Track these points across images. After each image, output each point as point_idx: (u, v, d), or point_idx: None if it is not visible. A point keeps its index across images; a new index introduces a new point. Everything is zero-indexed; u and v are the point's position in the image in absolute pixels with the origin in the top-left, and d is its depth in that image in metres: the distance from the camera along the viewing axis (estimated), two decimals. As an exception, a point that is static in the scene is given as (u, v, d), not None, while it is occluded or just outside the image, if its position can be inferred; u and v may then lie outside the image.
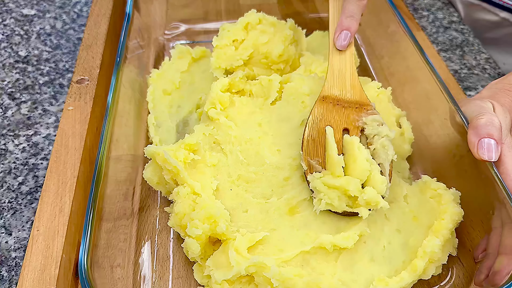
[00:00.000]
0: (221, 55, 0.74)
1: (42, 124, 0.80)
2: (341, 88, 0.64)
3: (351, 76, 0.65)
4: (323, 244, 0.54)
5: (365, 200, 0.54)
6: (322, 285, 0.50)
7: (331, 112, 0.63)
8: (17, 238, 0.65)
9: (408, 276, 0.52)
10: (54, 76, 0.89)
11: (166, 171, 0.59)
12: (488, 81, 0.88)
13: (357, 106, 0.63)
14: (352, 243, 0.54)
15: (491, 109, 0.59)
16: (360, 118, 0.62)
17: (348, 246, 0.54)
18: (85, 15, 1.04)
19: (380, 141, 0.59)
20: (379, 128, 0.60)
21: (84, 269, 0.45)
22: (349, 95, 0.64)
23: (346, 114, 0.62)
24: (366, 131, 0.61)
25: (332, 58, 0.65)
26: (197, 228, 0.54)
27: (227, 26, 0.77)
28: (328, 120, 0.62)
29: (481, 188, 0.57)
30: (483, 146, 0.55)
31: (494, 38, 1.05)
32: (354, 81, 0.64)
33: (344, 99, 0.63)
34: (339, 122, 0.62)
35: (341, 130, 0.61)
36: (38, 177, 0.72)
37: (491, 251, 0.54)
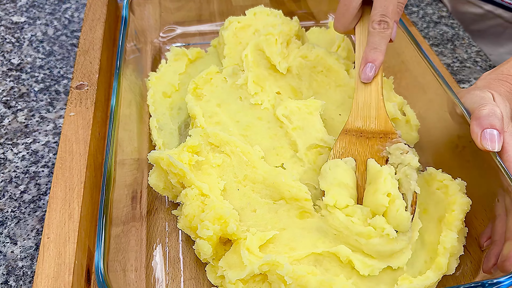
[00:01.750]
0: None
1: (41, 132, 0.79)
2: (365, 120, 0.62)
3: (376, 106, 0.63)
4: (338, 254, 0.54)
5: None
6: (335, 286, 0.49)
7: (354, 145, 0.61)
8: (23, 247, 0.64)
9: (434, 275, 0.52)
10: (49, 83, 0.88)
11: (172, 175, 0.59)
12: (480, 73, 0.90)
13: (382, 136, 0.61)
14: (368, 272, 0.53)
15: (491, 99, 0.60)
16: (384, 148, 0.60)
17: (364, 273, 0.53)
18: (76, 20, 1.03)
19: (402, 170, 0.57)
20: (402, 157, 0.58)
21: (101, 274, 0.45)
22: (373, 126, 0.62)
23: (370, 145, 0.60)
24: (390, 161, 0.58)
25: (357, 91, 0.64)
26: (207, 229, 0.54)
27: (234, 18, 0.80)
28: (351, 153, 0.60)
29: (483, 177, 0.58)
30: (486, 137, 0.56)
31: (480, 30, 1.07)
32: (380, 111, 0.62)
33: (367, 130, 0.61)
34: (363, 154, 0.60)
35: (365, 162, 0.59)
36: (40, 185, 0.72)
37: (497, 238, 0.55)
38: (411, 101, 0.74)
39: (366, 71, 0.64)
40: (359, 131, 0.62)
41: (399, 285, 0.51)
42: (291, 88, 0.72)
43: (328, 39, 0.84)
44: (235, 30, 0.77)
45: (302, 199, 0.58)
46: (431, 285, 0.52)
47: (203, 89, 0.73)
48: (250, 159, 0.62)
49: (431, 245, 0.56)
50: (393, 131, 0.61)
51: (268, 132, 0.67)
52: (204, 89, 0.73)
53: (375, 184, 0.55)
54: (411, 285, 0.51)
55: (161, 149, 0.69)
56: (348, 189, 0.57)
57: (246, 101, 0.70)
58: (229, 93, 0.72)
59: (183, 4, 0.96)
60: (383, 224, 0.52)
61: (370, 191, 0.56)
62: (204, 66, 0.79)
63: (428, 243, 0.56)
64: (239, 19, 0.79)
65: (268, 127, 0.68)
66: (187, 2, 0.96)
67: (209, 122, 0.69)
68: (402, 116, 0.71)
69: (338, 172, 0.58)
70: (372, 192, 0.55)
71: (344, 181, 0.57)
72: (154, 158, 0.60)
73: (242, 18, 0.79)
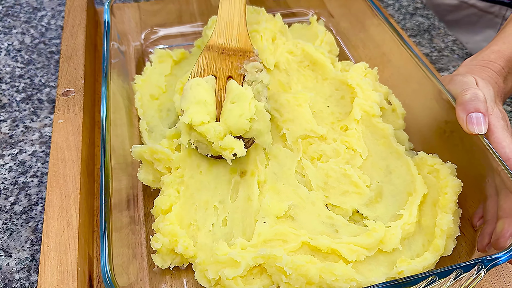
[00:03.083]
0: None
1: (26, 142, 0.78)
2: (228, 37, 0.65)
3: (238, 24, 0.66)
4: (319, 247, 0.55)
5: (221, 146, 0.58)
6: (336, 272, 0.50)
7: (216, 61, 0.64)
8: (18, 259, 0.63)
9: (431, 256, 0.53)
10: (31, 92, 0.87)
11: (157, 163, 0.60)
12: (458, 61, 0.93)
13: (241, 54, 0.64)
14: (354, 257, 0.54)
15: (474, 84, 0.62)
16: (242, 65, 0.63)
17: (352, 259, 0.54)
18: (53, 28, 1.02)
19: (256, 87, 0.62)
20: (257, 75, 0.63)
21: (109, 279, 0.45)
22: (234, 43, 0.65)
23: (230, 62, 0.64)
24: (246, 78, 0.63)
25: (221, 7, 0.67)
26: (157, 242, 0.55)
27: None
28: (212, 69, 0.63)
29: (473, 160, 0.60)
30: (472, 121, 0.57)
31: (455, 20, 1.10)
32: (241, 29, 0.66)
33: (229, 48, 0.65)
34: (223, 71, 0.63)
35: (225, 78, 0.63)
36: (30, 195, 0.70)
37: (489, 217, 0.57)
38: (396, 90, 0.75)
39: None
40: (221, 48, 0.64)
41: (398, 267, 0.52)
42: (279, 83, 0.73)
43: (310, 35, 0.85)
44: (220, 30, 0.77)
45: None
46: (429, 266, 0.54)
47: None
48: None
49: (427, 228, 0.57)
50: (251, 50, 0.65)
51: None
52: None
53: (239, 107, 0.58)
54: (410, 266, 0.52)
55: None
56: (206, 106, 0.60)
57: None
58: None
59: (162, 6, 0.96)
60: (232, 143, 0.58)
61: (231, 109, 0.59)
62: (189, 67, 0.79)
63: (425, 227, 0.58)
64: None
65: None
66: (166, 4, 0.96)
67: None
68: (388, 105, 0.73)
69: (199, 90, 0.60)
70: (236, 114, 0.58)
71: (203, 99, 0.60)
72: (137, 152, 0.61)
73: None
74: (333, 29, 0.93)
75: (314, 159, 0.65)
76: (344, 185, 0.61)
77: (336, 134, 0.67)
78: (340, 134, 0.67)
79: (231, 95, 0.60)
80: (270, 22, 0.76)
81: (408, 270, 0.51)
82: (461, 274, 0.45)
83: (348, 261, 0.53)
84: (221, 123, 0.59)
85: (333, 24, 0.93)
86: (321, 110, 0.71)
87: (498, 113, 0.59)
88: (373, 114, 0.68)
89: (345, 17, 0.91)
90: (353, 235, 0.56)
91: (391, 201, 0.61)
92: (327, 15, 0.95)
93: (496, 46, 0.71)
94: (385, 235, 0.54)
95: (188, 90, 0.60)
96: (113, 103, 0.65)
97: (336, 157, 0.65)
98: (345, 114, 0.70)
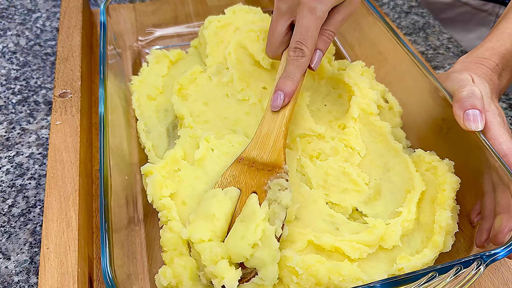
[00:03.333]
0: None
1: (23, 144, 0.77)
2: (260, 150, 0.60)
3: (276, 137, 0.60)
4: (323, 246, 0.54)
5: (212, 272, 0.50)
6: (343, 272, 0.50)
7: (244, 175, 0.58)
8: (17, 262, 0.63)
9: (431, 253, 0.54)
10: (27, 94, 0.86)
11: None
12: (453, 59, 0.94)
13: (270, 168, 0.58)
14: (357, 254, 0.54)
15: (470, 81, 0.62)
16: (268, 181, 0.57)
17: (355, 257, 0.53)
18: (49, 29, 1.01)
19: (272, 207, 0.54)
20: (277, 194, 0.55)
21: (110, 280, 0.45)
22: (265, 157, 0.59)
23: (258, 177, 0.57)
24: (268, 196, 0.56)
25: (264, 118, 0.62)
26: (164, 278, 0.51)
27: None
28: (239, 182, 0.57)
29: (470, 157, 0.60)
30: (469, 118, 0.58)
31: (449, 18, 1.11)
32: (277, 143, 0.59)
33: (259, 161, 0.58)
34: (250, 185, 0.57)
35: (250, 193, 0.56)
36: (28, 197, 0.70)
37: (487, 213, 0.58)
38: (392, 88, 0.76)
39: (276, 99, 0.60)
40: (251, 161, 0.59)
41: (398, 264, 0.53)
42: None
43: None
44: (216, 29, 0.78)
45: None
46: (429, 263, 0.54)
47: (189, 89, 0.73)
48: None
49: (426, 225, 0.58)
50: (280, 166, 0.58)
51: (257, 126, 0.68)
52: (189, 89, 0.73)
53: (245, 227, 0.51)
54: (410, 263, 0.52)
55: (150, 151, 0.68)
56: (213, 221, 0.53)
57: (233, 98, 0.71)
58: (215, 91, 0.73)
59: (158, 6, 0.96)
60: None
61: (236, 230, 0.52)
62: (186, 67, 0.79)
63: (423, 224, 0.58)
64: (219, 18, 0.79)
65: (257, 121, 0.68)
66: (162, 4, 0.96)
67: (197, 121, 0.69)
68: (385, 103, 0.73)
69: (211, 203, 0.54)
70: (239, 235, 0.51)
71: (211, 213, 0.53)
72: (147, 171, 0.60)
73: (222, 17, 0.80)
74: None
75: (313, 157, 0.65)
76: (344, 183, 0.62)
77: (334, 132, 0.68)
78: (338, 133, 0.67)
79: (243, 213, 0.54)
80: (266, 22, 0.76)
81: (408, 267, 0.52)
82: (461, 269, 0.45)
83: (352, 259, 0.53)
84: (222, 245, 0.51)
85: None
86: (318, 109, 0.71)
87: (495, 110, 0.60)
88: (371, 112, 0.69)
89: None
90: (354, 232, 0.56)
91: (390, 199, 0.62)
92: (323, 14, 0.96)
93: (490, 43, 0.72)
94: (385, 232, 0.54)
95: (203, 201, 0.55)
96: (110, 104, 0.65)
97: (334, 155, 0.65)
98: (343, 113, 0.71)
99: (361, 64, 0.75)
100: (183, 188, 0.60)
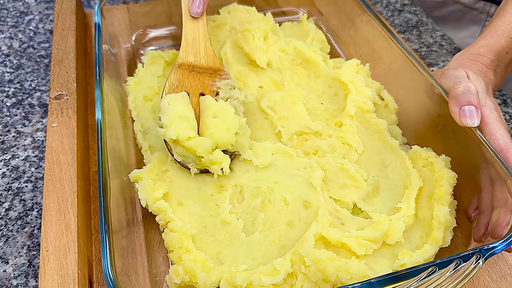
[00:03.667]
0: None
1: (19, 147, 0.77)
2: (196, 55, 0.69)
3: (205, 43, 0.69)
4: (329, 240, 0.55)
5: (212, 161, 0.60)
6: (351, 270, 0.51)
7: (187, 78, 0.67)
8: (16, 265, 0.62)
9: (431, 248, 0.54)
10: (22, 97, 0.86)
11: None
12: (447, 56, 0.94)
13: (211, 72, 0.68)
14: (363, 250, 0.54)
15: (465, 77, 0.63)
16: (214, 83, 0.67)
17: (361, 253, 0.54)
18: (42, 31, 1.01)
19: (232, 103, 0.65)
20: (231, 92, 0.67)
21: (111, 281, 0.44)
22: (203, 62, 0.68)
23: (201, 79, 0.67)
24: (220, 95, 0.66)
25: (186, 26, 0.70)
26: (177, 276, 0.52)
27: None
28: (185, 86, 0.66)
29: (466, 152, 0.61)
30: (465, 114, 0.58)
31: (441, 16, 1.12)
32: (208, 49, 0.69)
33: (199, 66, 0.68)
34: (195, 87, 0.66)
35: (198, 95, 0.66)
36: (25, 200, 0.70)
37: (485, 208, 0.58)
38: (388, 86, 0.76)
39: (195, 5, 0.69)
40: (191, 66, 0.68)
41: (400, 260, 0.53)
42: (272, 81, 0.73)
43: (301, 33, 0.85)
44: (211, 29, 0.78)
45: None
46: (430, 258, 0.55)
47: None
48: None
49: (425, 220, 0.58)
50: (221, 69, 0.68)
51: (254, 125, 0.68)
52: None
53: (224, 121, 0.61)
54: (412, 259, 0.53)
55: (147, 152, 0.68)
56: (189, 121, 0.61)
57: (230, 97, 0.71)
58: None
59: (151, 7, 0.95)
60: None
61: (217, 124, 0.61)
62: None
63: (422, 219, 0.58)
64: (214, 18, 0.79)
65: (254, 119, 0.69)
66: (155, 5, 0.96)
67: None
68: (380, 101, 0.73)
69: (178, 106, 0.62)
70: (222, 128, 0.61)
71: (185, 114, 0.61)
72: (135, 177, 0.61)
73: (216, 17, 0.80)
74: (323, 27, 0.93)
75: (309, 154, 0.66)
76: (342, 179, 0.62)
77: (331, 130, 0.68)
78: (335, 130, 0.68)
79: (211, 111, 0.63)
80: (261, 22, 0.77)
81: (410, 262, 0.52)
82: (460, 264, 0.46)
83: (358, 255, 0.53)
84: (207, 138, 0.60)
85: (323, 22, 0.94)
86: (315, 107, 0.71)
87: (491, 105, 0.60)
88: (367, 110, 0.69)
89: (334, 15, 0.92)
90: (359, 227, 0.56)
91: (388, 195, 0.62)
92: (317, 13, 0.96)
93: (485, 40, 0.73)
94: (389, 228, 0.54)
95: (166, 106, 0.62)
96: (107, 106, 0.64)
97: (332, 152, 0.65)
98: (339, 111, 0.71)
99: (356, 62, 0.75)
100: (176, 189, 0.61)
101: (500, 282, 0.57)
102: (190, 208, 0.59)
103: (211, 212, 0.59)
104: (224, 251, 0.56)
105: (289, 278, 0.52)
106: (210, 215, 0.59)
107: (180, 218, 0.58)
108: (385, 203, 0.61)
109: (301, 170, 0.62)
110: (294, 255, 0.52)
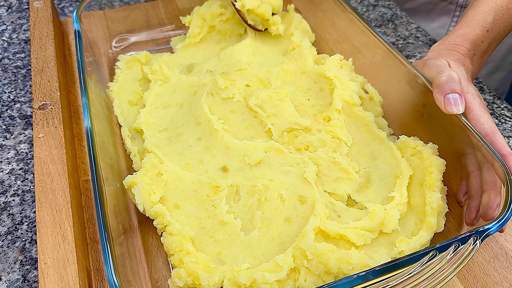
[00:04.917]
0: None
1: (2, 161, 0.75)
2: None
3: None
4: (328, 232, 0.55)
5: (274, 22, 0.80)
6: (352, 260, 0.51)
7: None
8: (9, 281, 0.61)
9: (426, 234, 0.55)
10: (1, 109, 0.84)
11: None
12: (424, 48, 0.97)
13: None
14: (362, 241, 0.55)
15: (447, 66, 0.65)
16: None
17: (360, 243, 0.55)
18: (16, 42, 0.98)
19: None
20: None
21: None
22: None
23: None
24: None
25: None
26: (180, 279, 0.52)
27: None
28: None
29: (453, 139, 0.63)
30: (450, 102, 0.60)
31: (412, 8, 1.15)
32: None
33: None
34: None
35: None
36: (13, 215, 0.68)
37: (474, 192, 0.60)
38: (371, 79, 0.78)
39: None
40: None
41: (398, 247, 0.54)
42: (259, 79, 0.74)
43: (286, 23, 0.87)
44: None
45: None
46: (426, 244, 0.56)
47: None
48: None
49: (418, 207, 0.59)
50: None
51: (243, 124, 0.69)
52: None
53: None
54: (409, 245, 0.54)
55: (136, 156, 0.68)
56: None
57: (218, 97, 0.71)
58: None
59: (128, 12, 0.94)
60: None
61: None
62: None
63: (415, 207, 0.60)
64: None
65: (243, 118, 0.69)
66: (132, 10, 0.95)
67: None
68: (365, 94, 0.75)
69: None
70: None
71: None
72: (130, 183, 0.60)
73: None
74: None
75: (301, 150, 0.66)
76: (335, 172, 0.63)
77: (320, 125, 0.69)
78: (323, 125, 0.69)
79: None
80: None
81: (408, 249, 0.53)
82: (459, 246, 0.47)
83: (357, 245, 0.54)
84: (268, 5, 0.82)
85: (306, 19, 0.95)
86: (302, 103, 0.72)
87: (473, 91, 0.62)
88: (353, 103, 0.70)
89: (312, 12, 0.93)
90: (355, 219, 0.57)
91: (380, 185, 0.63)
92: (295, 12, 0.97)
93: (461, 30, 0.75)
94: (384, 217, 0.56)
95: None
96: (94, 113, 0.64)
97: (323, 147, 0.66)
98: (326, 106, 0.72)
99: (339, 58, 0.76)
100: (171, 192, 0.61)
101: (493, 262, 0.59)
102: (187, 210, 0.59)
103: (208, 213, 0.59)
104: (224, 251, 0.57)
105: (292, 273, 0.53)
106: (207, 216, 0.59)
107: (178, 220, 0.57)
108: (378, 193, 0.63)
109: (295, 166, 0.63)
110: (295, 250, 0.53)
